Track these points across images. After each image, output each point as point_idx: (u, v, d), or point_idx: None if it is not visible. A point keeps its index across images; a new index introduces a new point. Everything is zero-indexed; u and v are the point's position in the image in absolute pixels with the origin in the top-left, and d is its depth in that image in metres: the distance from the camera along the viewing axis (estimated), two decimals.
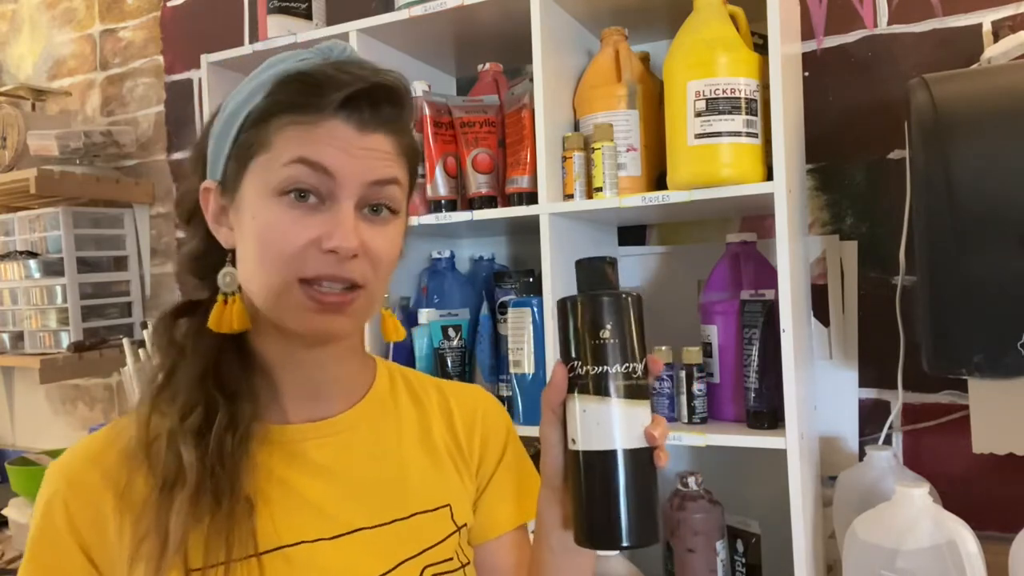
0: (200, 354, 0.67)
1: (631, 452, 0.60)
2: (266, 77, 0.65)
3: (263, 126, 0.64)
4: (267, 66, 0.67)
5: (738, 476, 1.34)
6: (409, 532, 0.70)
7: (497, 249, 1.59)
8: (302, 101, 0.63)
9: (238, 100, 0.66)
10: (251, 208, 0.64)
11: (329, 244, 0.62)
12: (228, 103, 0.67)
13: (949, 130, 1.02)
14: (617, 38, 1.29)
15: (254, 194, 0.64)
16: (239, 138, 0.65)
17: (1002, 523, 1.16)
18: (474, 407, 0.81)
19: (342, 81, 0.63)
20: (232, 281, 0.67)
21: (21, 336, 2.07)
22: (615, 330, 0.60)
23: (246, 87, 0.66)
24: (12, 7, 2.41)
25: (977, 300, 1.01)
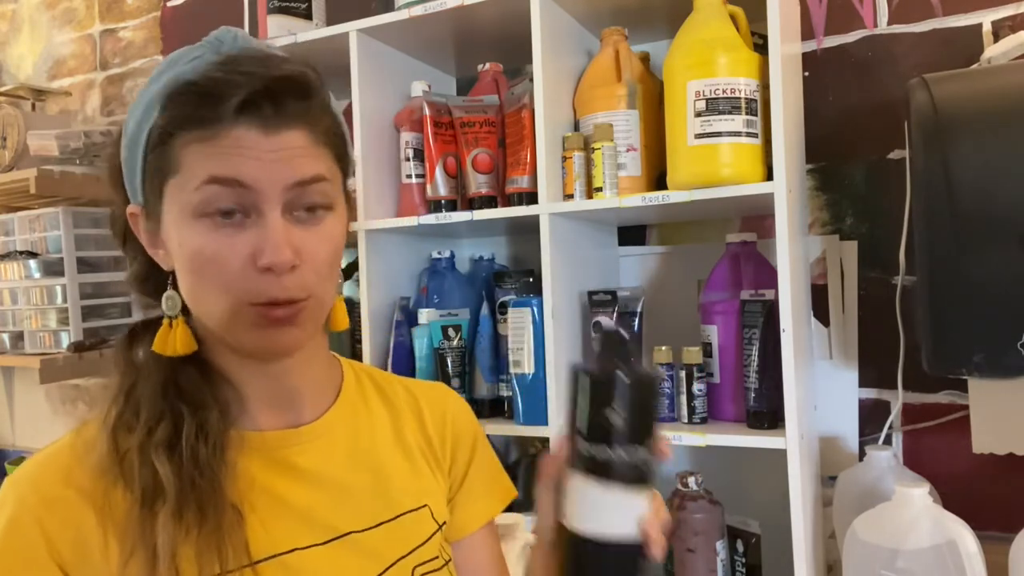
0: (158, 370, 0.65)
1: (621, 544, 0.57)
2: (157, 89, 0.61)
3: (167, 146, 0.60)
4: (157, 73, 0.63)
5: (738, 476, 1.34)
6: (396, 533, 0.70)
7: (497, 249, 1.59)
8: (199, 114, 0.59)
9: (136, 118, 0.62)
10: (176, 235, 0.61)
11: (263, 262, 0.58)
12: (128, 121, 0.63)
13: (949, 130, 1.02)
14: (617, 38, 1.29)
15: (175, 220, 0.61)
16: (147, 160, 0.61)
17: (1002, 523, 1.16)
18: (444, 407, 0.81)
19: (235, 83, 0.58)
20: (175, 304, 0.65)
21: (21, 336, 2.07)
22: (623, 411, 0.56)
23: (140, 102, 0.62)
24: (12, 7, 2.41)
25: (977, 300, 1.01)
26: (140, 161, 0.62)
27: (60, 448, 0.64)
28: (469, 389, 1.36)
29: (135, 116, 0.62)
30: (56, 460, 0.62)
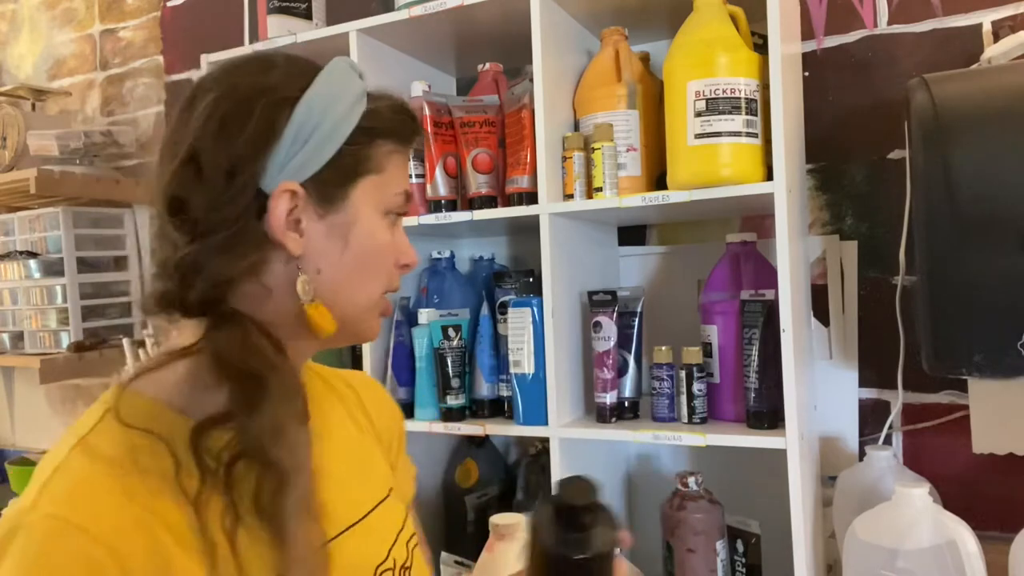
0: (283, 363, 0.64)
1: None
2: (357, 93, 0.68)
3: (369, 146, 0.68)
4: (343, 76, 0.69)
5: (738, 476, 1.34)
6: (387, 514, 0.76)
7: (497, 249, 1.59)
8: (405, 133, 0.71)
9: (340, 110, 0.66)
10: (366, 225, 0.68)
11: (405, 260, 0.73)
12: (320, 106, 0.65)
13: (949, 130, 1.02)
14: (617, 38, 1.29)
15: (368, 212, 0.68)
16: (342, 151, 0.65)
17: (1002, 523, 1.16)
18: (377, 395, 0.87)
19: (415, 118, 0.73)
20: (311, 289, 0.65)
21: (21, 336, 2.07)
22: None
23: (344, 95, 0.67)
24: (12, 7, 2.41)
25: (977, 300, 1.01)
26: (334, 148, 0.65)
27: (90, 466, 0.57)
28: (469, 389, 1.36)
29: (339, 106, 0.66)
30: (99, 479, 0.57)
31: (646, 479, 1.48)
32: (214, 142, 0.62)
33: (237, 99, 0.64)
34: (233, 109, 0.63)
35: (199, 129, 0.63)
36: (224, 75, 0.66)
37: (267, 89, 0.64)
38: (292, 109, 0.64)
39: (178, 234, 0.62)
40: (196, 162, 0.62)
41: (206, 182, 0.62)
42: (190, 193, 0.62)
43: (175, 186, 0.62)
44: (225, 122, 0.63)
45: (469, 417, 1.36)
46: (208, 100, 0.64)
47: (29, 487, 0.57)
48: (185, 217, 0.62)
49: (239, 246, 0.62)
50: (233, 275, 0.62)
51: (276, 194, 0.63)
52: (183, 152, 0.63)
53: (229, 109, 0.63)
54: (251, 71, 0.66)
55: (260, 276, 0.64)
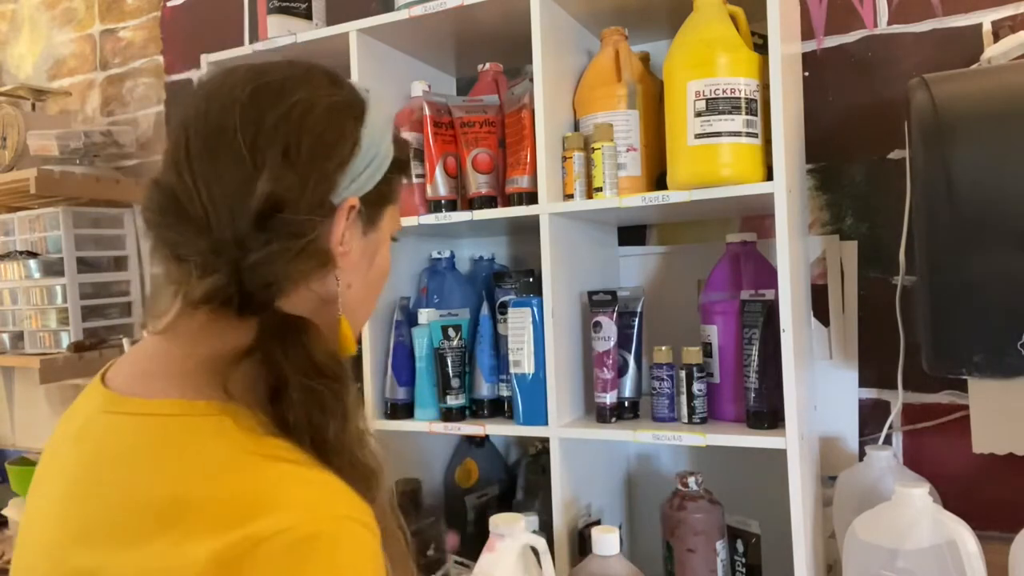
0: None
1: None
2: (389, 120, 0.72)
3: (396, 177, 0.72)
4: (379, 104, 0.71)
5: (738, 476, 1.34)
6: None
7: (497, 249, 1.59)
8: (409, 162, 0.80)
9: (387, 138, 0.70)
10: (385, 247, 0.73)
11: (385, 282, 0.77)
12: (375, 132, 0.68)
13: (949, 130, 1.02)
14: (617, 38, 1.29)
15: (383, 237, 0.73)
16: (383, 178, 0.69)
17: (1002, 523, 1.16)
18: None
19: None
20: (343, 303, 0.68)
21: (21, 336, 2.07)
22: None
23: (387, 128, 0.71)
24: (12, 7, 2.41)
25: (977, 300, 1.01)
26: (380, 174, 0.69)
27: (314, 471, 0.57)
28: (469, 389, 1.36)
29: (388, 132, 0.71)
30: (334, 479, 0.57)
31: (646, 479, 1.48)
32: (311, 149, 0.63)
33: (326, 109, 0.65)
34: (326, 119, 0.65)
35: (294, 131, 0.63)
36: (298, 82, 0.66)
37: (347, 105, 0.67)
38: (363, 128, 0.67)
39: (258, 233, 0.60)
40: (292, 165, 0.62)
41: (301, 187, 0.62)
42: (288, 194, 0.61)
43: (273, 185, 0.61)
44: (321, 131, 0.64)
45: (469, 417, 1.35)
46: (293, 101, 0.64)
47: (265, 497, 0.53)
48: (275, 218, 0.61)
49: (311, 254, 0.63)
50: (298, 280, 0.63)
51: (343, 207, 0.65)
52: (276, 151, 0.62)
53: (321, 118, 0.65)
54: (324, 83, 0.68)
55: (311, 284, 0.65)
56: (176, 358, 0.62)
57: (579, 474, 1.27)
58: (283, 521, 0.51)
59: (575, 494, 1.26)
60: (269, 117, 0.63)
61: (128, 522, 0.54)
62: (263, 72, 0.66)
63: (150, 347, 0.65)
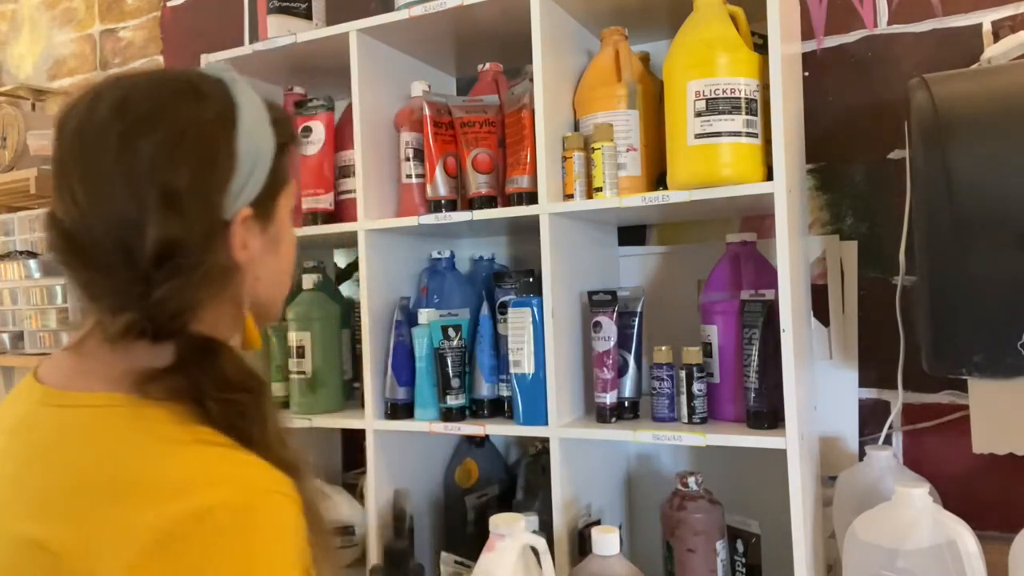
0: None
1: None
2: (265, 112, 0.71)
3: (283, 158, 0.73)
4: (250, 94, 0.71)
5: (738, 476, 1.34)
6: None
7: (497, 249, 1.59)
8: (295, 136, 0.79)
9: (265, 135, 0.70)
10: (287, 228, 0.75)
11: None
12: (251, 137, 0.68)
13: (949, 130, 1.02)
14: (617, 38, 1.29)
15: (285, 216, 0.75)
16: (272, 170, 0.70)
17: (1002, 523, 1.16)
18: None
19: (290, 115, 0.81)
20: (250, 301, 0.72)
21: (21, 336, 2.06)
22: None
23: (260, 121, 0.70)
24: (12, 7, 2.41)
25: (977, 300, 1.01)
26: (266, 171, 0.70)
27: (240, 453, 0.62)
28: (469, 389, 1.36)
29: (264, 126, 0.70)
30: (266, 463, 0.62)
31: (646, 479, 1.48)
32: (190, 183, 0.64)
33: (196, 136, 0.65)
34: (195, 147, 0.65)
35: (167, 169, 0.63)
36: (164, 108, 0.66)
37: (211, 122, 0.67)
38: (236, 137, 0.67)
39: (157, 272, 0.62)
40: (175, 203, 0.63)
41: (189, 222, 0.63)
42: (177, 233, 0.63)
43: (160, 229, 0.62)
44: (194, 161, 0.64)
45: (469, 417, 1.35)
46: (161, 137, 0.64)
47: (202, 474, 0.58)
48: (171, 258, 0.63)
49: (214, 277, 0.66)
50: (207, 301, 0.66)
51: (237, 222, 0.67)
52: (156, 195, 0.63)
53: (192, 147, 0.65)
54: (186, 103, 0.67)
55: (219, 299, 0.68)
56: (110, 365, 0.65)
57: (579, 474, 1.27)
58: (221, 494, 0.56)
59: (575, 494, 1.26)
60: (142, 155, 0.63)
61: (75, 499, 0.58)
62: (126, 102, 0.66)
63: (87, 351, 0.68)
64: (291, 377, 1.50)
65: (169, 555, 0.53)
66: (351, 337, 1.58)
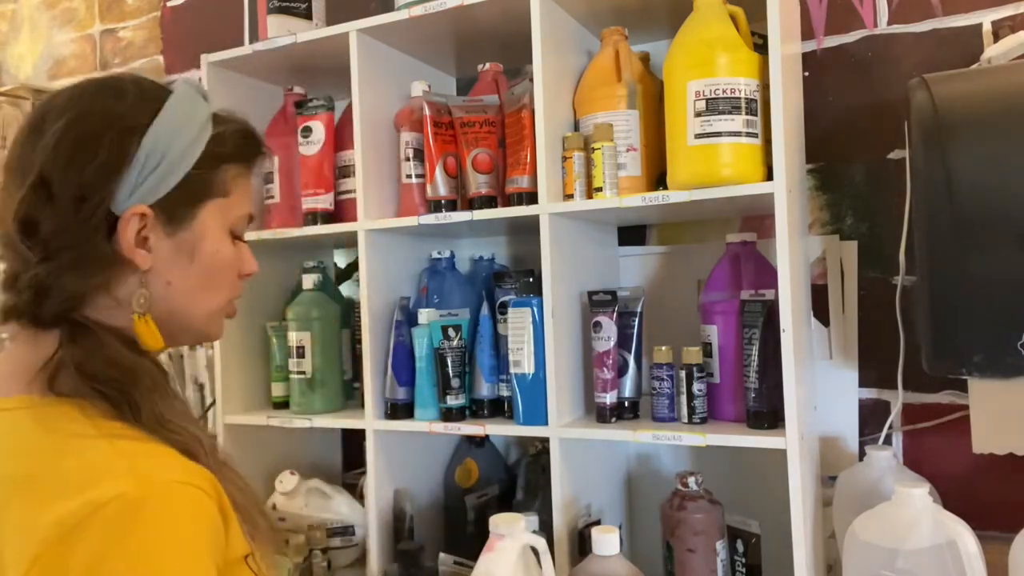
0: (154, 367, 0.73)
1: None
2: (203, 119, 0.73)
3: (216, 170, 0.74)
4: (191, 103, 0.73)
5: (738, 476, 1.34)
6: None
7: (497, 249, 1.59)
8: (249, 154, 0.77)
9: (188, 136, 0.71)
10: (212, 243, 0.74)
11: (247, 270, 0.80)
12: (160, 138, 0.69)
13: (949, 130, 1.02)
14: (617, 38, 1.29)
15: (212, 232, 0.74)
16: (190, 175, 0.71)
17: (1002, 523, 1.16)
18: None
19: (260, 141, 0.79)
20: (147, 302, 0.71)
21: None
22: None
23: (190, 122, 0.72)
24: (12, 7, 2.41)
25: (977, 300, 1.01)
26: (182, 173, 0.71)
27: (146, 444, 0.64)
28: (469, 389, 1.36)
29: (186, 133, 0.71)
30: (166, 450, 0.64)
31: (646, 479, 1.48)
32: (64, 169, 0.67)
33: (88, 127, 0.68)
34: (84, 137, 0.68)
35: (49, 155, 0.67)
36: (74, 101, 0.70)
37: (117, 117, 0.69)
38: (142, 137, 0.69)
39: (30, 252, 0.66)
40: (47, 187, 0.66)
41: (56, 206, 0.66)
42: (40, 216, 0.66)
43: (26, 209, 0.66)
44: (76, 150, 0.67)
45: (469, 417, 1.35)
46: (59, 126, 0.68)
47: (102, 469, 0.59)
48: (36, 238, 0.66)
49: (89, 264, 0.68)
50: (84, 291, 0.68)
51: (125, 217, 0.68)
52: (33, 176, 0.66)
53: (80, 137, 0.68)
54: (101, 98, 0.70)
55: (112, 290, 0.69)
56: (19, 363, 0.68)
57: (579, 474, 1.27)
58: (117, 487, 0.57)
59: (575, 494, 1.26)
60: (37, 145, 0.68)
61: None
62: (50, 101, 0.71)
63: (5, 354, 0.71)
64: (291, 377, 1.50)
65: (66, 549, 0.54)
66: (351, 337, 1.58)
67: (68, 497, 0.56)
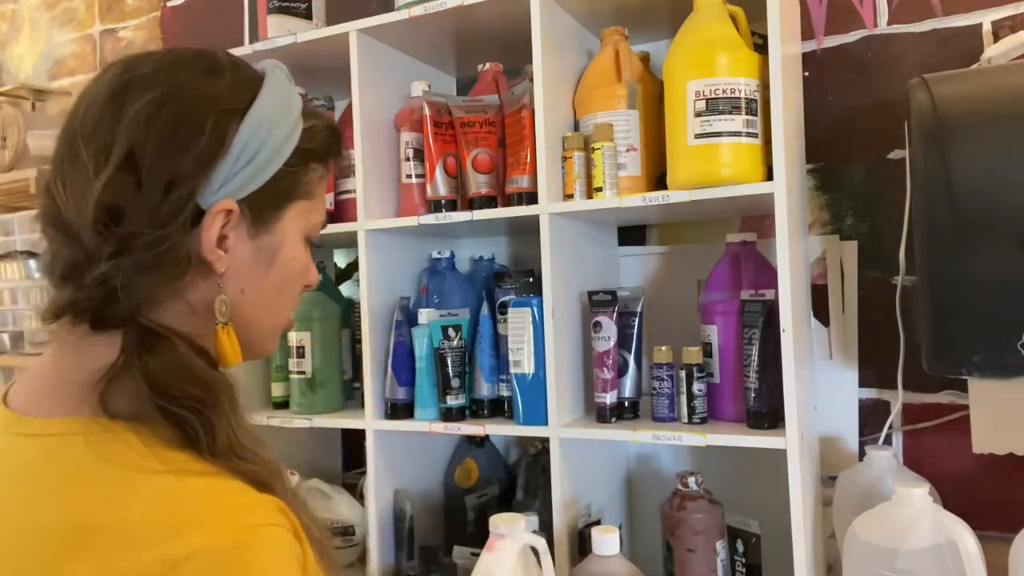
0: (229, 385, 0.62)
1: None
2: (297, 111, 0.66)
3: (304, 169, 0.66)
4: (287, 91, 0.65)
5: (738, 476, 1.34)
6: None
7: (497, 249, 1.59)
8: (334, 153, 0.70)
9: (286, 127, 0.64)
10: (291, 249, 0.67)
11: (310, 281, 0.73)
12: (259, 127, 0.61)
13: (949, 130, 1.02)
14: (617, 38, 1.29)
15: (292, 236, 0.67)
16: (281, 172, 0.64)
17: (1002, 523, 1.16)
18: None
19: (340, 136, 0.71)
20: (228, 310, 0.63)
21: (21, 336, 2.07)
22: None
23: (284, 116, 0.64)
24: (12, 7, 2.41)
25: (977, 300, 1.01)
26: (275, 168, 0.63)
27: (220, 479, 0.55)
28: (469, 389, 1.36)
29: (284, 124, 0.64)
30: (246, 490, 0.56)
31: (646, 479, 1.48)
32: (159, 152, 0.57)
33: (185, 105, 0.59)
34: (181, 117, 0.59)
35: (141, 132, 0.57)
36: (165, 72, 0.61)
37: (215, 99, 0.60)
38: (240, 123, 0.60)
39: (103, 244, 0.56)
40: (135, 169, 0.57)
41: (145, 193, 0.57)
42: (128, 204, 0.57)
43: (111, 193, 0.56)
44: (173, 131, 0.58)
45: (469, 417, 1.35)
46: (149, 99, 0.58)
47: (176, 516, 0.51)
48: (117, 228, 0.56)
49: (169, 264, 0.58)
50: (156, 292, 0.59)
51: (212, 212, 0.59)
52: (119, 155, 0.57)
53: (176, 116, 0.59)
54: (197, 73, 0.61)
55: (183, 293, 0.61)
56: (64, 375, 0.59)
57: (579, 474, 1.27)
58: (195, 541, 0.49)
59: (575, 494, 1.26)
60: (121, 116, 0.58)
61: (34, 548, 0.51)
62: (134, 65, 0.61)
63: (45, 364, 0.62)
64: (291, 377, 1.50)
65: None
66: (351, 337, 1.58)
67: (135, 551, 0.49)
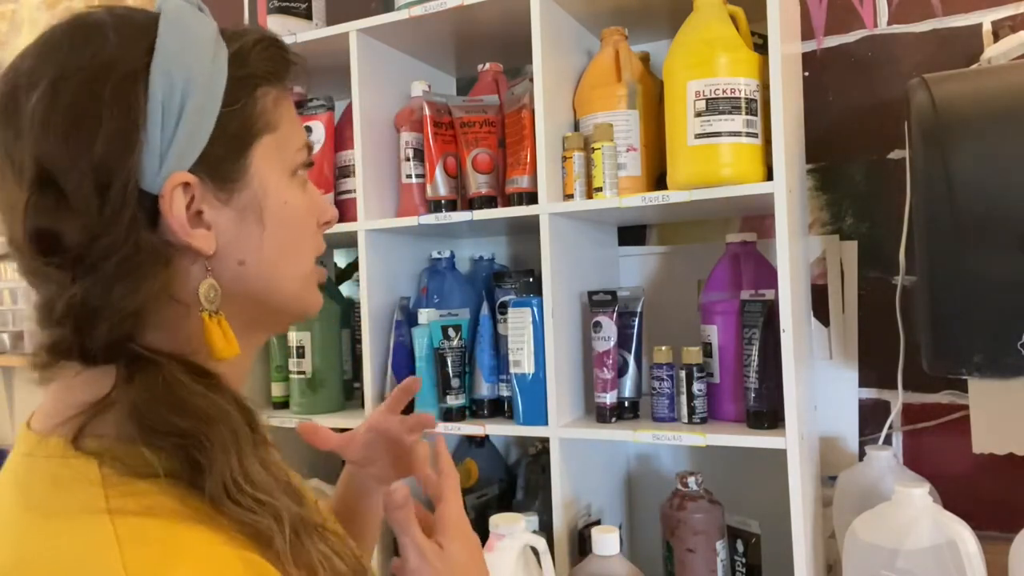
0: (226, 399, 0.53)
1: None
2: (212, 37, 0.56)
3: (250, 101, 0.55)
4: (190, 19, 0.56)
5: (738, 476, 1.34)
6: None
7: (497, 249, 1.59)
8: (283, 68, 0.59)
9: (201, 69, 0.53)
10: (278, 194, 0.56)
11: (326, 218, 0.62)
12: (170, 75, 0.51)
13: (949, 130, 1.02)
14: (617, 38, 1.29)
15: (275, 179, 0.57)
16: (222, 115, 0.53)
17: (1002, 523, 1.16)
18: None
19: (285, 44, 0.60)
20: (218, 295, 0.54)
21: (21, 336, 2.07)
22: None
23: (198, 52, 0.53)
24: (12, 7, 2.41)
25: (977, 300, 1.01)
26: (213, 115, 0.53)
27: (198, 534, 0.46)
28: (469, 389, 1.36)
29: (201, 60, 0.53)
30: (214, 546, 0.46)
31: (646, 479, 1.48)
32: (66, 151, 0.49)
33: (76, 87, 0.49)
34: (76, 102, 0.49)
35: (39, 137, 0.49)
36: (46, 60, 0.51)
37: (108, 65, 0.50)
38: (147, 81, 0.50)
39: (57, 272, 0.49)
40: (52, 182, 0.49)
41: (74, 205, 0.49)
42: (57, 223, 0.48)
43: (35, 219, 0.49)
44: (72, 122, 0.49)
45: (469, 417, 1.36)
46: (38, 96, 0.49)
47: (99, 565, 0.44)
48: (60, 253, 0.49)
49: (139, 268, 0.50)
50: (141, 305, 0.50)
51: (165, 193, 0.50)
52: (29, 172, 0.49)
53: (71, 104, 0.49)
54: (78, 46, 0.51)
55: (175, 293, 0.53)
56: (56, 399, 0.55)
57: (579, 474, 1.27)
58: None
59: (575, 494, 1.26)
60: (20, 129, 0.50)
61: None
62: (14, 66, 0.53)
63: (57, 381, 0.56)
64: (291, 377, 1.50)
65: None
66: (351, 337, 1.58)
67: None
